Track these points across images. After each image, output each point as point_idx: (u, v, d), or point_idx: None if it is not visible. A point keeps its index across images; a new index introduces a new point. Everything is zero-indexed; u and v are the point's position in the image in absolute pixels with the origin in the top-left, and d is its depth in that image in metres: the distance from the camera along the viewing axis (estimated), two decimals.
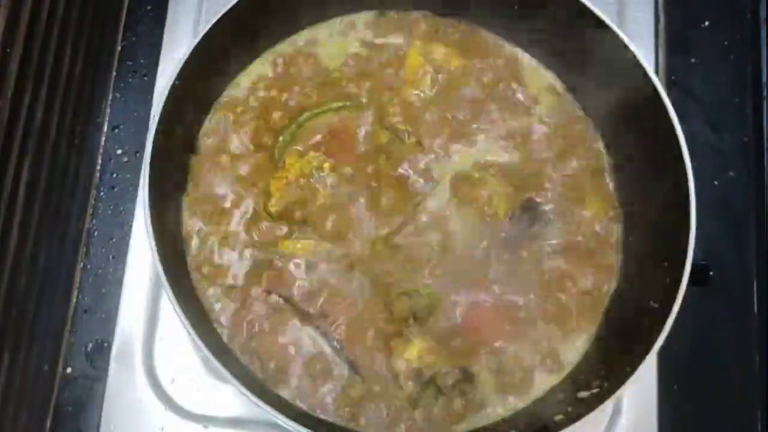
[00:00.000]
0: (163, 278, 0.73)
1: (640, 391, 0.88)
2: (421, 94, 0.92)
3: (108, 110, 1.01)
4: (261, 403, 0.70)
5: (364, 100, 0.91)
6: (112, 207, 0.97)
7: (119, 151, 0.99)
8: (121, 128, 1.00)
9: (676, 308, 0.73)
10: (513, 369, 0.83)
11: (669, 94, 0.79)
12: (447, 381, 0.81)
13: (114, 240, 0.95)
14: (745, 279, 0.94)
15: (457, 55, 0.93)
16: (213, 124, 0.90)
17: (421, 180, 0.88)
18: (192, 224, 0.86)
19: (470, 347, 0.83)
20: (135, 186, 0.97)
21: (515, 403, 0.82)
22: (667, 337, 0.73)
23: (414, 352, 0.81)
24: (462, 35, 0.95)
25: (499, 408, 0.82)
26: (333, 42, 0.94)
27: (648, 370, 0.87)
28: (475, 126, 0.91)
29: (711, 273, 0.92)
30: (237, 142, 0.89)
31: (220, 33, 0.81)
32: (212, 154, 0.89)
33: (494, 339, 0.84)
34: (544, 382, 0.83)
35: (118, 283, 0.93)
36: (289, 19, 0.93)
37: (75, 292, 0.94)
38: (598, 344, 0.84)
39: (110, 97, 1.01)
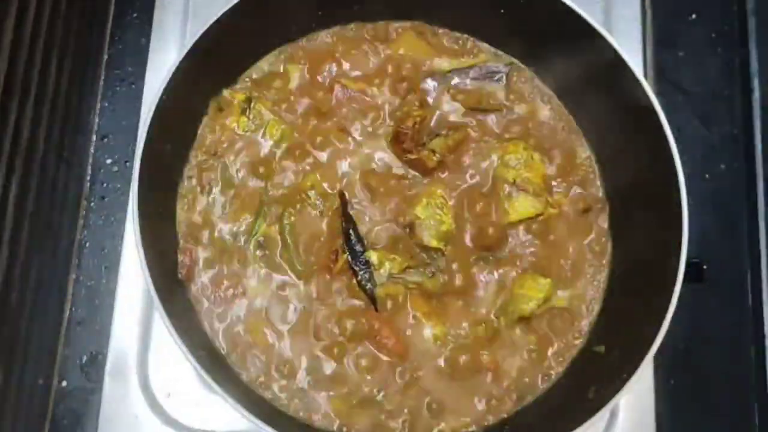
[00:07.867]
0: (155, 297, 0.72)
1: (637, 387, 0.88)
2: None
3: (96, 119, 1.00)
4: (257, 421, 0.70)
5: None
6: (103, 217, 0.96)
7: (109, 161, 0.99)
8: (111, 137, 0.99)
9: (671, 311, 0.72)
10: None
11: (658, 88, 0.79)
12: None
13: (106, 251, 0.95)
14: (739, 272, 0.94)
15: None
16: (203, 135, 0.89)
17: None
18: (185, 236, 0.85)
19: None
20: (126, 195, 0.96)
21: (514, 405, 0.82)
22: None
23: None
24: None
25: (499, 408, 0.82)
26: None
27: (644, 367, 0.87)
28: None
29: (705, 267, 0.92)
30: (230, 156, 0.89)
31: (208, 43, 0.80)
32: (203, 170, 0.88)
33: None
34: (541, 385, 0.83)
35: (111, 294, 0.92)
36: (273, 33, 0.92)
37: (68, 305, 0.93)
38: (594, 349, 0.83)
39: (98, 107, 1.01)
